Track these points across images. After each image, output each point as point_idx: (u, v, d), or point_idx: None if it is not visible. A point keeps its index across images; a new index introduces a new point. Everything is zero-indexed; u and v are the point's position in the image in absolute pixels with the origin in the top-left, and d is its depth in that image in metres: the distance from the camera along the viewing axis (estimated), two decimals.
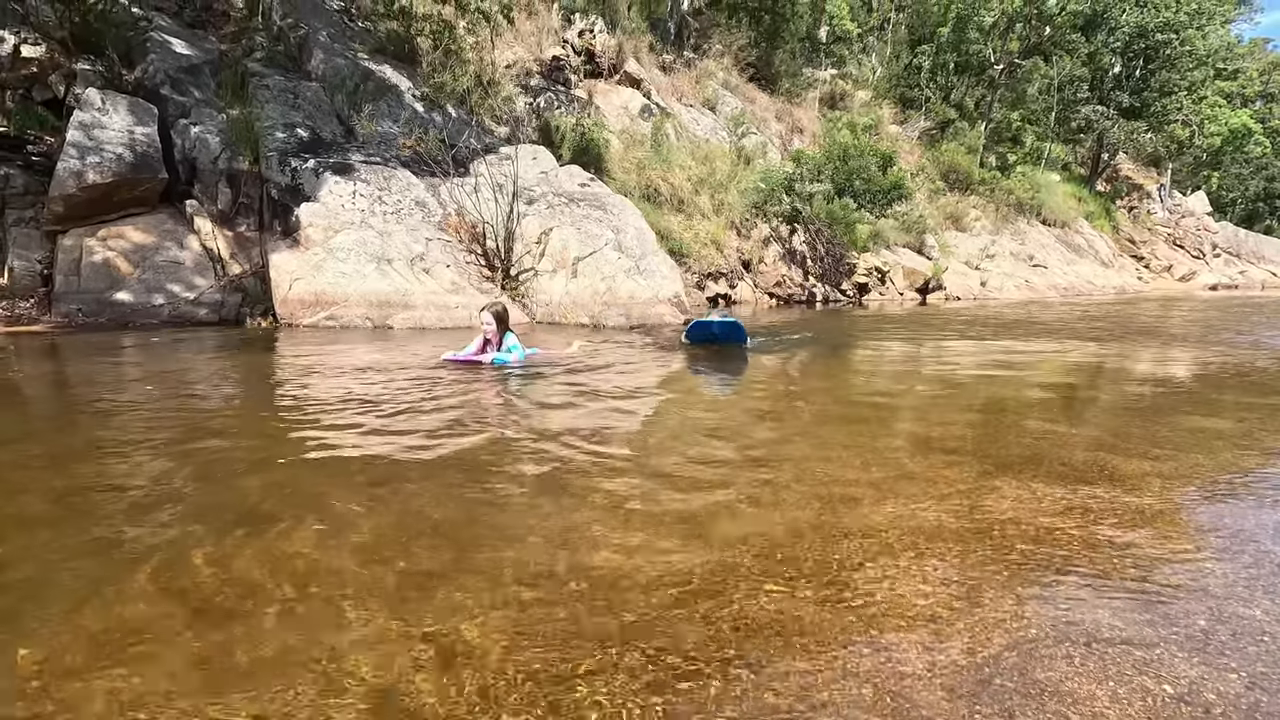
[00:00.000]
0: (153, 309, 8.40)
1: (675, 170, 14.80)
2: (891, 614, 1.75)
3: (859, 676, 1.49)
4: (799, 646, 1.60)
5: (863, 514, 2.42)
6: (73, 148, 8.45)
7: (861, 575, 1.96)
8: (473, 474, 2.85)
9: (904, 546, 2.15)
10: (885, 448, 3.31)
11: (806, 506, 2.48)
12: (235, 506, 2.45)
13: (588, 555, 2.06)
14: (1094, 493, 2.67)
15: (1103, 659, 1.58)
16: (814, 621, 1.71)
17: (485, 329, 5.46)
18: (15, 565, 1.96)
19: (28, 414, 4.20)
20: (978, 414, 4.18)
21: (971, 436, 3.53)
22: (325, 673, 1.46)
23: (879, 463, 3.03)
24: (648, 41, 18.71)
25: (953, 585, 1.91)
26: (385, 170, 9.91)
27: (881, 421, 3.97)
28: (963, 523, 2.36)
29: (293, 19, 11.97)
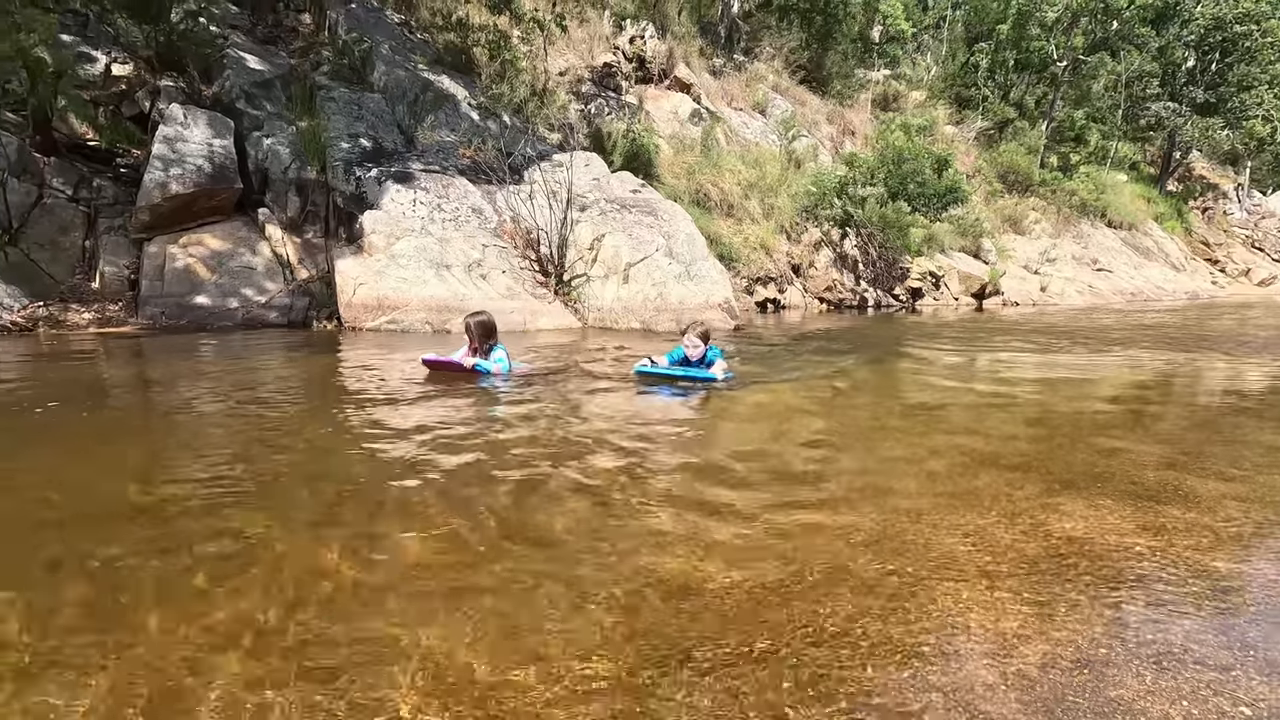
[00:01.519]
0: (227, 312, 8.86)
1: (725, 174, 14.81)
2: (960, 627, 1.78)
3: (929, 685, 1.53)
4: (867, 653, 1.65)
5: (926, 528, 2.44)
6: (158, 160, 8.98)
7: (927, 588, 1.99)
8: (525, 475, 2.96)
9: (970, 561, 2.17)
10: (945, 462, 3.30)
11: (867, 520, 2.51)
12: (312, 504, 2.61)
13: (656, 561, 2.14)
14: (1167, 513, 2.62)
15: (1176, 679, 1.58)
16: (881, 631, 1.75)
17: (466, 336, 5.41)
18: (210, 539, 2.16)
19: (123, 413, 4.52)
20: (1040, 428, 4.11)
21: (1035, 452, 3.49)
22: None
23: (939, 477, 3.03)
24: (698, 46, 18.76)
25: (1021, 601, 1.92)
26: (444, 178, 10.22)
27: (938, 435, 3.95)
28: (1030, 539, 2.35)
29: (357, 33, 12.44)
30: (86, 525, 2.40)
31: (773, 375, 6.06)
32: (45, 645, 1.65)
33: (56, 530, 2.35)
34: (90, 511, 2.53)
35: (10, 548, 2.23)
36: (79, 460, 3.17)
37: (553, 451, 3.37)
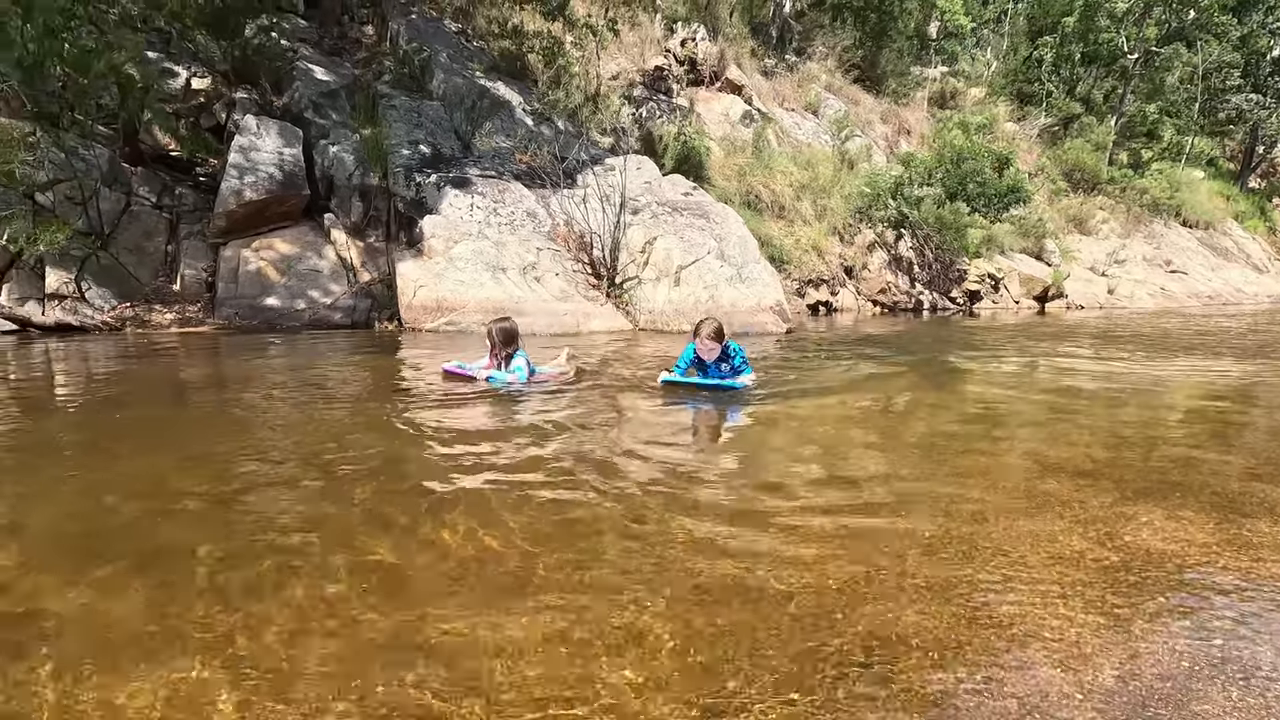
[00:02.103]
0: (295, 313, 9.25)
1: (776, 176, 14.70)
2: (1034, 635, 1.75)
3: (1004, 692, 1.52)
4: (935, 659, 1.64)
5: (993, 535, 2.40)
6: (233, 168, 9.46)
7: (997, 595, 1.96)
8: (572, 479, 3.03)
9: (1042, 569, 2.13)
10: (1008, 468, 3.23)
11: (930, 526, 2.49)
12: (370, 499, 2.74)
13: (714, 563, 2.17)
14: (1252, 526, 2.51)
15: (1264, 695, 1.53)
16: (949, 637, 1.74)
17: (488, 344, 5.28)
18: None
19: (204, 408, 4.80)
20: (1111, 436, 3.97)
21: (1106, 459, 3.38)
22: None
23: (1005, 484, 2.97)
24: (749, 47, 18.67)
25: (1098, 611, 1.88)
26: (500, 183, 10.46)
27: (1000, 440, 3.86)
28: (1105, 548, 2.29)
29: (417, 43, 12.83)
30: (179, 510, 2.57)
31: (825, 378, 6.01)
32: (167, 623, 1.79)
33: (155, 514, 2.53)
34: (181, 496, 2.71)
35: (120, 532, 2.41)
36: (168, 451, 3.39)
37: (604, 455, 3.43)
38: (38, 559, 2.17)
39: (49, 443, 3.65)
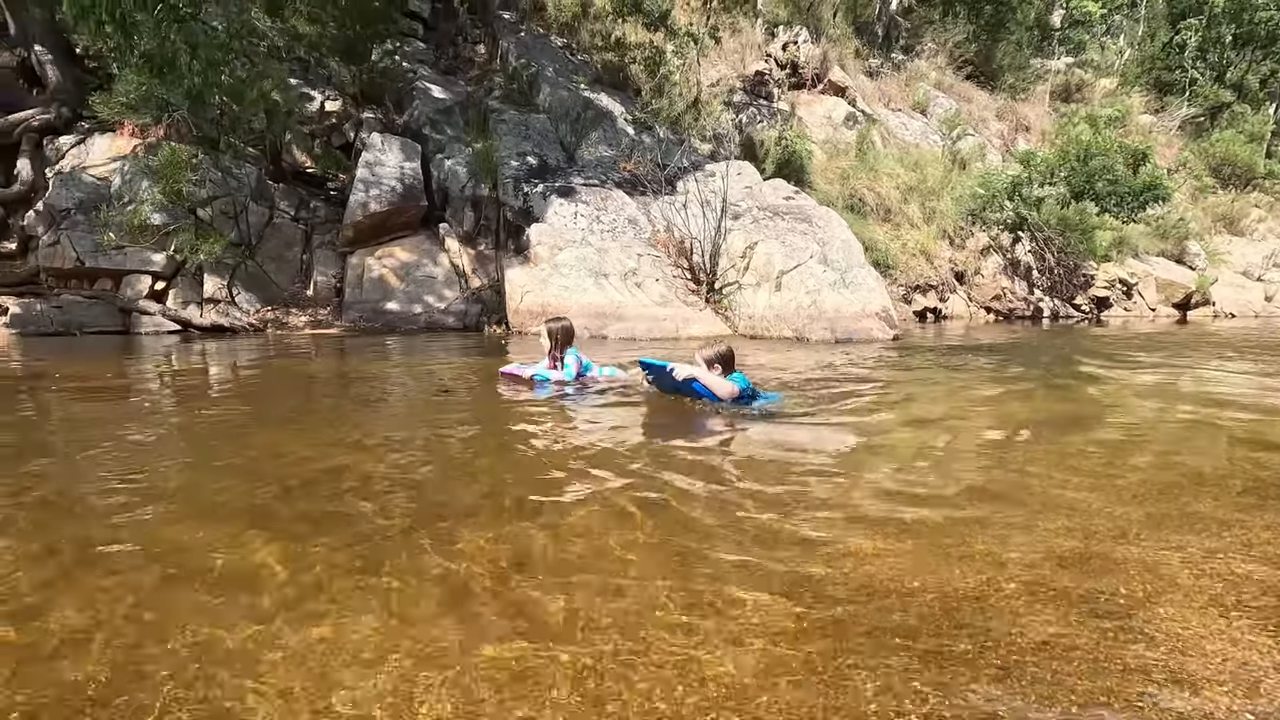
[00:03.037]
0: (412, 316, 9.86)
1: (882, 178, 14.22)
2: (1192, 653, 1.62)
3: (1161, 708, 1.42)
4: (1077, 668, 1.55)
5: (1138, 550, 2.23)
6: (360, 183, 10.23)
7: (1146, 611, 1.82)
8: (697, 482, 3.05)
9: (1198, 587, 1.96)
10: (1152, 483, 2.97)
11: (1063, 537, 2.34)
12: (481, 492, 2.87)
13: (835, 566, 2.14)
14: None
15: None
16: (1093, 648, 1.64)
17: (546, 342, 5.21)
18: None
19: (335, 400, 5.21)
20: (1277, 454, 3.57)
21: (1273, 479, 3.04)
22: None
23: (1150, 500, 2.74)
24: (853, 47, 18.20)
25: (1268, 633, 1.71)
26: (602, 191, 10.73)
27: (1139, 454, 3.55)
28: (1275, 568, 2.08)
29: (525, 59, 13.40)
30: (312, 488, 2.82)
31: (939, 384, 5.75)
32: (307, 586, 1.97)
33: (291, 490, 2.79)
34: (320, 477, 2.97)
35: (269, 506, 2.67)
36: (303, 436, 3.71)
37: (701, 459, 3.44)
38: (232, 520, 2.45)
39: (221, 422, 4.09)
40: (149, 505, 2.64)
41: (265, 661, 1.59)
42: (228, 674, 1.54)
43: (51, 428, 4.18)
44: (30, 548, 2.24)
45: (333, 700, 1.46)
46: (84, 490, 2.87)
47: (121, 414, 4.51)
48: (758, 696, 1.47)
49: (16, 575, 2.03)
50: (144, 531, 2.37)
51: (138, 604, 1.85)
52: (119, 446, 3.56)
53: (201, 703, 1.45)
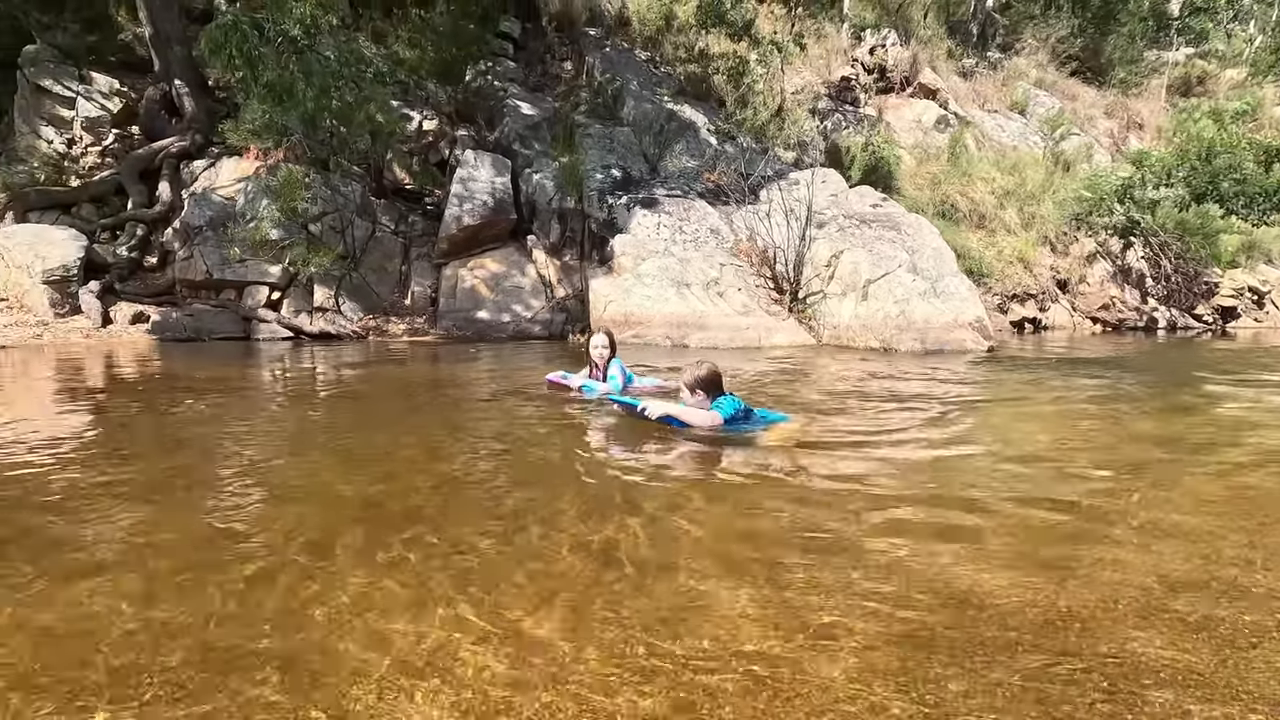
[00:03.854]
0: (501, 325, 10.25)
1: (976, 183, 13.64)
2: None
3: None
4: (1196, 694, 1.48)
5: (1266, 578, 2.07)
6: (454, 198, 10.74)
7: (1275, 642, 1.70)
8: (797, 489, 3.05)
9: None
10: None
11: (1179, 561, 2.20)
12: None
13: (929, 576, 2.11)
14: None
15: None
16: (1211, 678, 1.55)
17: (594, 354, 5.12)
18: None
19: (430, 403, 5.51)
20: None
21: None
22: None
23: (1277, 526, 2.53)
24: (945, 48, 17.57)
25: None
26: (684, 202, 10.82)
27: (1273, 479, 3.28)
28: None
29: (610, 74, 13.72)
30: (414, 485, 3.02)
31: (1037, 400, 5.47)
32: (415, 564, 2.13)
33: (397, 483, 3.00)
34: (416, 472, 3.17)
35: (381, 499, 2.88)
36: (402, 436, 3.96)
37: (797, 464, 3.43)
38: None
39: (328, 420, 4.43)
40: (268, 491, 2.91)
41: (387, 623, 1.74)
42: (361, 643, 1.70)
43: (188, 422, 4.63)
44: (187, 525, 2.52)
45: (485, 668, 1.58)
46: (217, 478, 3.18)
47: (245, 411, 4.94)
48: (849, 703, 1.48)
49: (177, 552, 2.29)
50: (266, 514, 2.62)
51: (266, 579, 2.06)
52: (243, 440, 3.92)
53: (329, 654, 1.61)
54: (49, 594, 1.98)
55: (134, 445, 3.90)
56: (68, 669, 1.61)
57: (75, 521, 2.57)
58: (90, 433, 4.24)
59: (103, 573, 2.13)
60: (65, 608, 1.90)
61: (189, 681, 1.56)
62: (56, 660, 1.65)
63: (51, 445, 3.81)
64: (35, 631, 1.78)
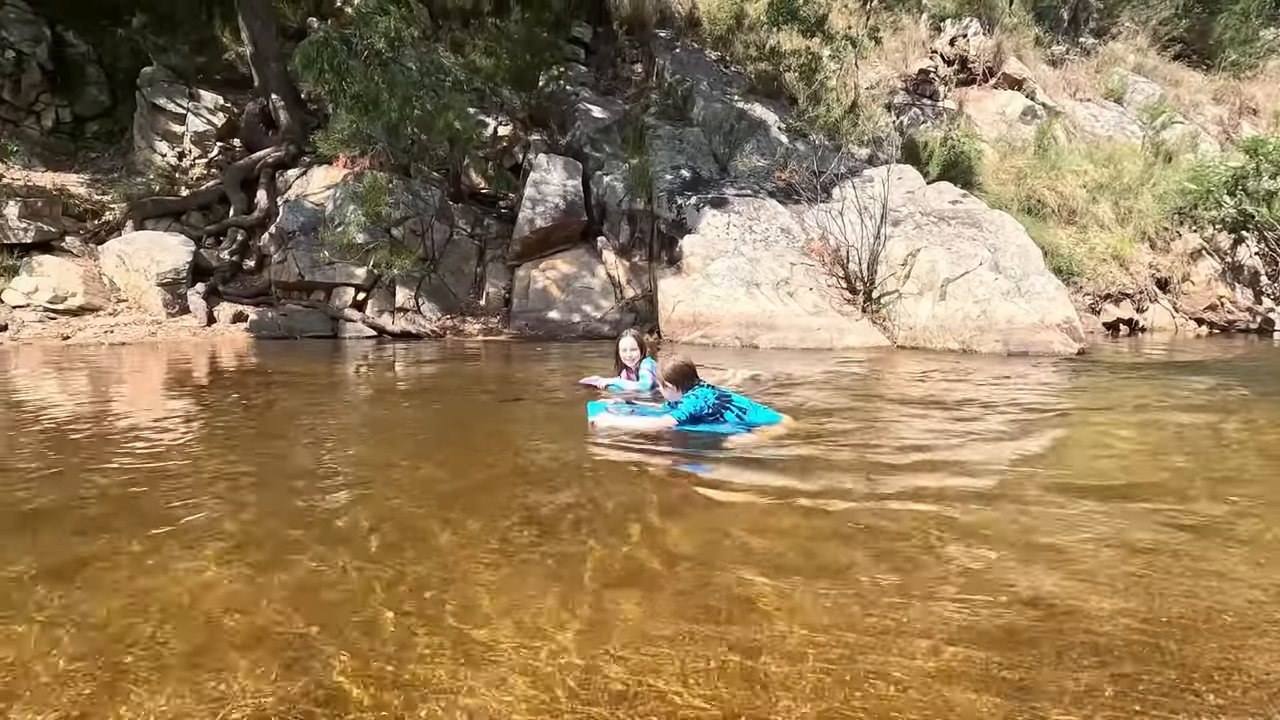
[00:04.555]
0: (571, 325, 10.43)
1: (1066, 176, 12.91)
2: None
3: None
4: None
5: None
6: (527, 201, 11.01)
7: None
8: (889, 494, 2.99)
9: None
10: None
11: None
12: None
13: (1020, 583, 2.04)
14: None
15: None
16: None
17: (624, 357, 5.10)
18: None
19: (502, 398, 5.68)
20: None
21: None
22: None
23: None
24: (1032, 35, 16.69)
25: None
26: (755, 201, 10.73)
27: None
28: None
29: (680, 75, 13.74)
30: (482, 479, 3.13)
31: (1135, 404, 5.15)
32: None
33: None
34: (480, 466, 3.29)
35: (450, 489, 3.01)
36: (479, 427, 4.11)
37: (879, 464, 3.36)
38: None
39: (408, 414, 4.65)
40: (359, 477, 3.09)
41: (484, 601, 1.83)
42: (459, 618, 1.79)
43: (283, 414, 4.95)
44: (282, 509, 2.71)
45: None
46: (308, 466, 3.40)
47: (334, 404, 5.24)
48: (926, 704, 1.46)
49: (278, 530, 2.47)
50: (358, 498, 2.78)
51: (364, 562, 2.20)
52: (334, 431, 4.16)
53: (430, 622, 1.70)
54: (174, 566, 2.17)
55: (238, 434, 4.20)
56: (196, 636, 1.77)
57: (192, 505, 2.80)
58: (199, 422, 4.60)
59: (219, 549, 2.32)
60: (190, 577, 2.08)
61: (307, 644, 1.68)
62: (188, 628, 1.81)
63: (166, 433, 4.15)
64: (167, 600, 1.95)
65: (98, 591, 1.98)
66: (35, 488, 3.00)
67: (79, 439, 3.94)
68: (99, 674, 1.58)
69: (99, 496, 2.87)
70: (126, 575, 2.09)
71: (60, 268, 10.02)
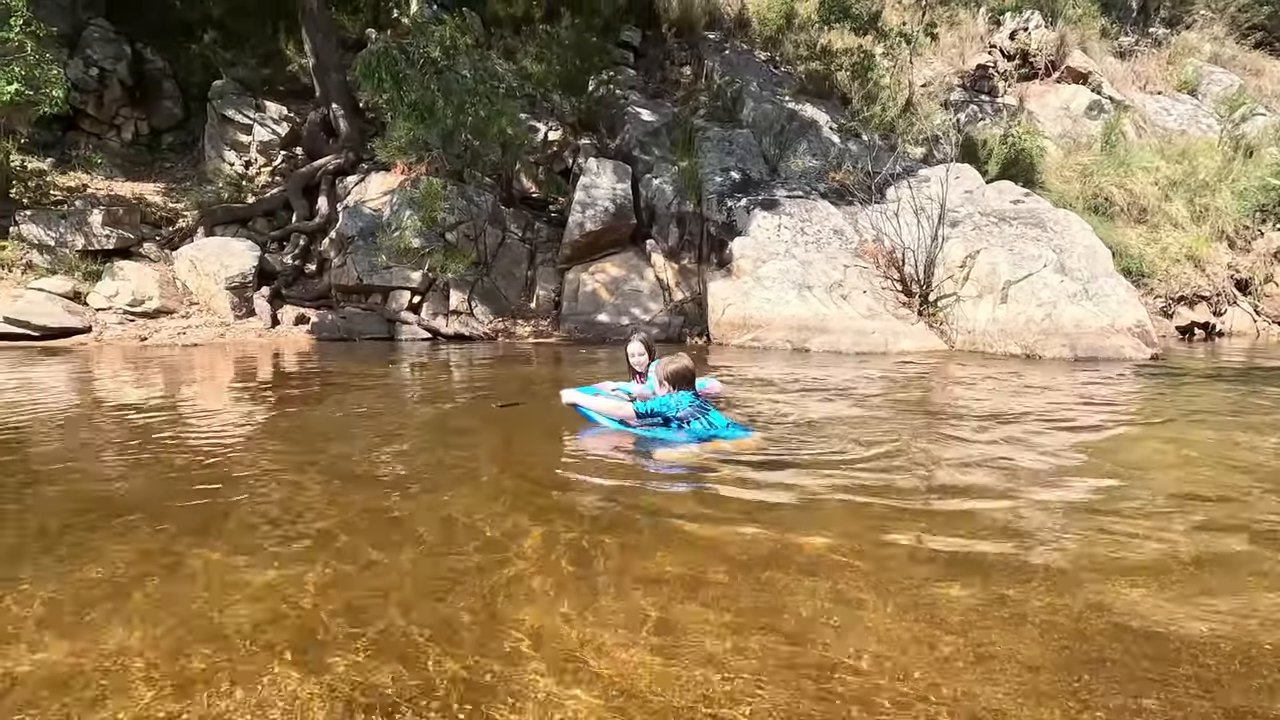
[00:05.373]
0: (620, 328, 10.45)
1: (1135, 173, 12.35)
2: None
3: None
4: None
5: None
6: (577, 205, 11.10)
7: None
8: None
9: None
10: None
11: None
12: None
13: (1126, 609, 1.95)
14: None
15: None
16: None
17: (633, 361, 4.87)
18: None
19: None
20: None
21: None
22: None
23: None
24: (1098, 26, 16.03)
25: None
26: (806, 202, 10.58)
27: None
28: None
29: (729, 76, 13.67)
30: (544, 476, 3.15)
31: (1215, 416, 4.88)
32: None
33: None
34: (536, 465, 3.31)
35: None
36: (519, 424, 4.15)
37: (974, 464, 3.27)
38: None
39: (461, 414, 4.74)
40: (421, 475, 3.15)
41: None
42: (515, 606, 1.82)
43: (349, 414, 5.10)
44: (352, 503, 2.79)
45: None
46: (375, 465, 3.49)
47: (394, 404, 5.38)
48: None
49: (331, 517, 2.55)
50: (424, 497, 2.84)
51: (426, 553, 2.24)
52: (397, 430, 4.26)
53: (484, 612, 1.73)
54: (255, 560, 2.25)
55: (304, 432, 4.35)
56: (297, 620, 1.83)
57: (266, 499, 2.91)
58: (268, 419, 4.78)
59: (299, 542, 2.40)
60: (272, 572, 2.16)
61: (389, 638, 1.73)
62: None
63: (239, 429, 4.33)
64: (253, 592, 2.03)
65: (193, 584, 2.08)
66: (122, 484, 3.16)
67: (162, 437, 4.13)
68: (192, 663, 1.65)
69: (185, 492, 3.00)
70: (215, 569, 2.18)
71: (138, 272, 10.55)
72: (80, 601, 1.97)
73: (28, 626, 1.84)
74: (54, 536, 2.50)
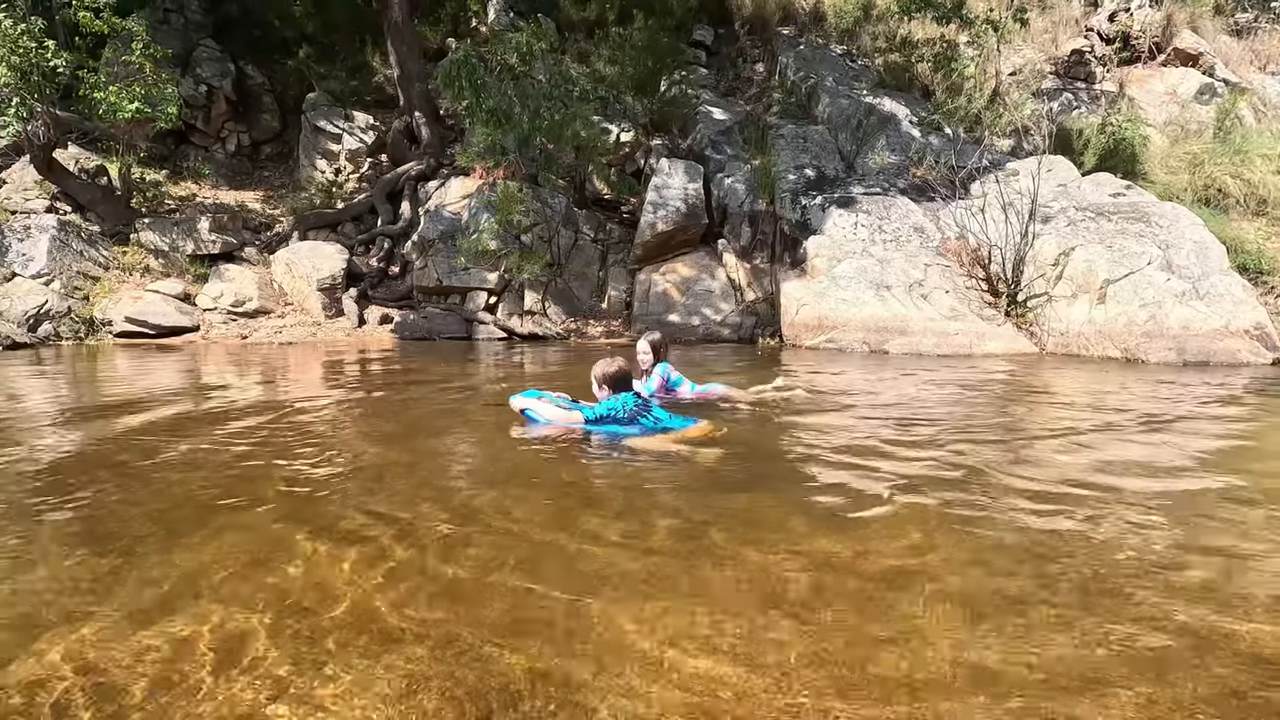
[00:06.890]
0: (691, 328, 10.44)
1: (1254, 162, 11.33)
2: None
3: None
4: None
5: None
6: (649, 205, 11.14)
7: None
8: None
9: None
10: None
11: None
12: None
13: (1253, 644, 1.81)
14: None
15: None
16: None
17: (639, 359, 5.06)
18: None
19: None
20: None
21: None
22: None
23: None
24: (1211, 4, 14.79)
25: None
26: (884, 199, 10.25)
27: None
28: None
29: (804, 71, 13.40)
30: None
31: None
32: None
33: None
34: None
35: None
36: None
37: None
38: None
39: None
40: (499, 474, 3.24)
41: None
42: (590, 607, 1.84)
43: (433, 410, 5.29)
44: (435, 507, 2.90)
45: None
46: (457, 463, 3.61)
47: (475, 402, 5.55)
48: None
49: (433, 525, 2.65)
50: (498, 494, 2.92)
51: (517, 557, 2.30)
52: (476, 429, 4.40)
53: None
54: (344, 557, 2.37)
55: (393, 428, 4.55)
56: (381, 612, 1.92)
57: (364, 492, 3.06)
58: (358, 414, 5.02)
59: (381, 539, 2.51)
60: (360, 567, 2.27)
61: (472, 637, 1.79)
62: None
63: (334, 425, 4.56)
64: (339, 590, 2.14)
65: (290, 579, 2.20)
66: (226, 484, 3.39)
67: (268, 435, 4.40)
68: (280, 660, 1.75)
69: (281, 492, 3.19)
70: (304, 564, 2.31)
71: (240, 275, 11.30)
72: None
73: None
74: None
